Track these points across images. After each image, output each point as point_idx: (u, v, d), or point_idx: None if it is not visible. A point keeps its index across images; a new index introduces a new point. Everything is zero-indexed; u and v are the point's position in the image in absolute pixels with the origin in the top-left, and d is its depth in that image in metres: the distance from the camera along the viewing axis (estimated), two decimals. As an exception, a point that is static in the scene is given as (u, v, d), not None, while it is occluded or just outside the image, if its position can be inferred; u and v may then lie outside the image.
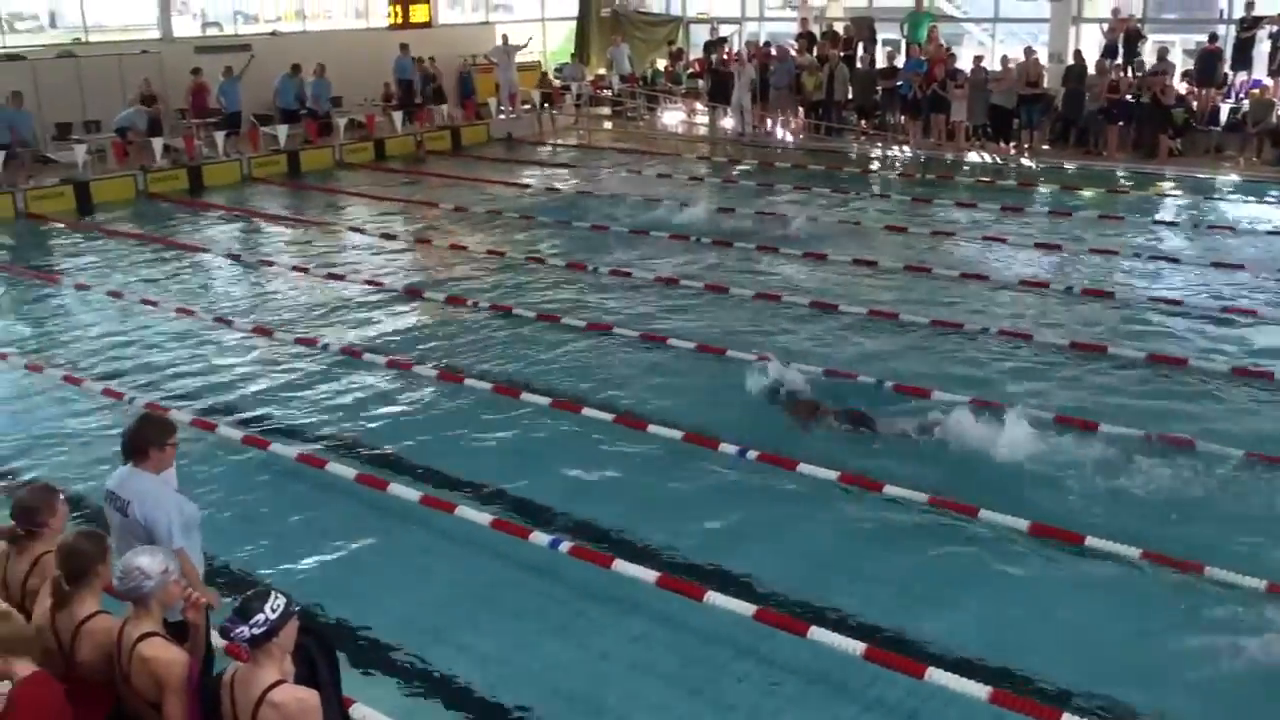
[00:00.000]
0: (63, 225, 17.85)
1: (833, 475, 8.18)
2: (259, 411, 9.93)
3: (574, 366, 10.85)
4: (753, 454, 8.58)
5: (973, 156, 21.64)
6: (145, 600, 4.36)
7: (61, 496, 5.16)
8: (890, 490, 7.93)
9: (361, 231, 16.98)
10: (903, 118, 23.07)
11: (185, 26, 25.40)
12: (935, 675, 5.78)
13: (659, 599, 6.71)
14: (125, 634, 4.36)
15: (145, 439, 5.31)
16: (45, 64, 21.45)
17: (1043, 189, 19.03)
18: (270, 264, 15.17)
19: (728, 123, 25.44)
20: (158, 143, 20.25)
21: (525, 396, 9.94)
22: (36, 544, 4.92)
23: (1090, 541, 7.14)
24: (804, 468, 8.31)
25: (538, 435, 9.34)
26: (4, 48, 22.25)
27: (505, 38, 26.03)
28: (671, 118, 27.16)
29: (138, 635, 4.32)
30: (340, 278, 14.27)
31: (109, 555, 4.58)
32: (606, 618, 6.69)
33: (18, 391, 10.56)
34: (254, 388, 10.53)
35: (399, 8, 26.91)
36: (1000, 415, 8.83)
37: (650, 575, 6.87)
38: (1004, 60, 22.04)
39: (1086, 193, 18.46)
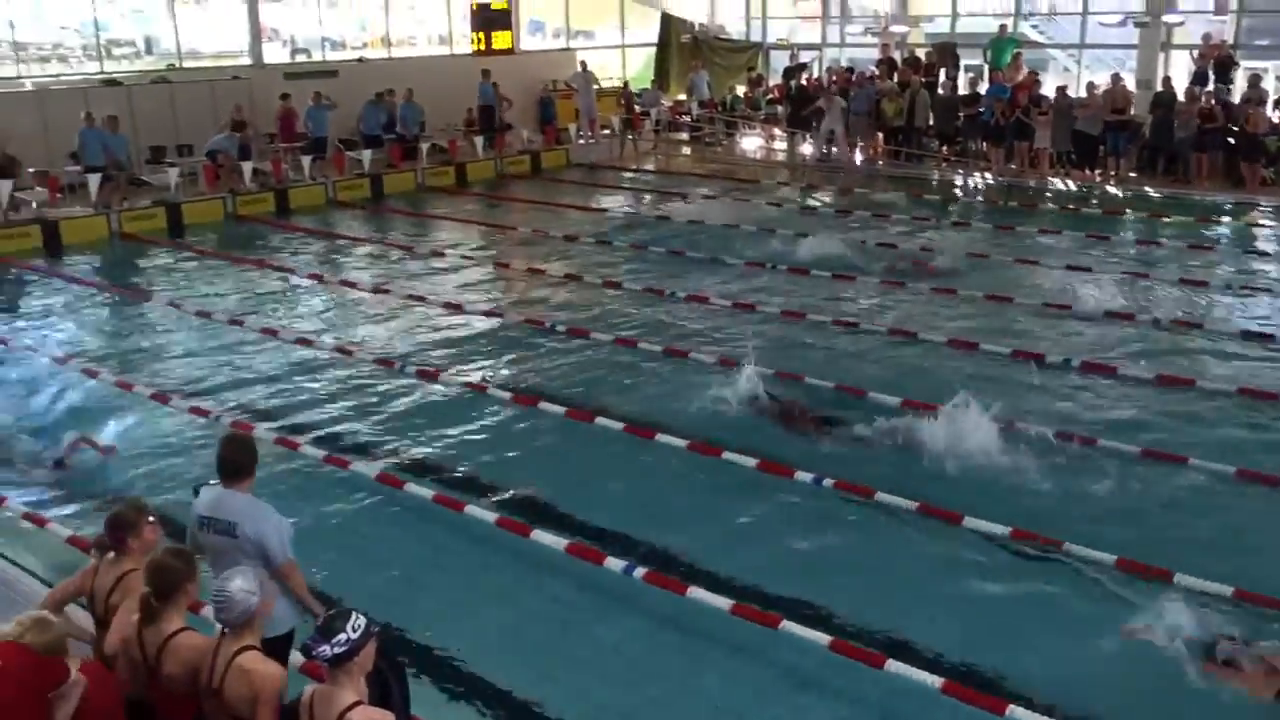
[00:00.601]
0: (154, 245, 18.33)
1: (911, 505, 8.06)
2: (338, 430, 10.08)
3: (650, 392, 10.85)
4: (829, 481, 8.50)
5: (1057, 184, 21.31)
6: (251, 620, 4.45)
7: (151, 515, 5.27)
8: (970, 522, 7.79)
9: (441, 254, 17.19)
10: (985, 144, 22.81)
11: (275, 53, 26.04)
12: (1016, 712, 5.66)
13: (733, 627, 6.65)
14: (223, 647, 4.43)
15: (245, 460, 5.40)
16: (141, 89, 22.13)
17: (1129, 217, 18.68)
18: (352, 285, 15.41)
19: (807, 148, 25.38)
20: (247, 167, 20.74)
21: (599, 421, 9.95)
22: (124, 560, 5.04)
23: (1179, 579, 6.95)
24: (882, 496, 8.20)
25: (611, 460, 9.35)
26: (102, 73, 22.98)
27: (584, 64, 26.30)
28: (750, 143, 27.15)
29: (237, 648, 4.40)
30: (420, 299, 14.45)
31: (197, 574, 4.67)
32: (678, 644, 6.65)
33: (108, 407, 10.80)
34: (333, 407, 10.69)
35: (482, 35, 27.29)
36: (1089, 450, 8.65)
37: (724, 603, 6.83)
38: (1089, 87, 21.69)
39: (1175, 222, 18.06)
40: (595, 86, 26.19)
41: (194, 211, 19.78)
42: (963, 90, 23.74)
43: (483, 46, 27.18)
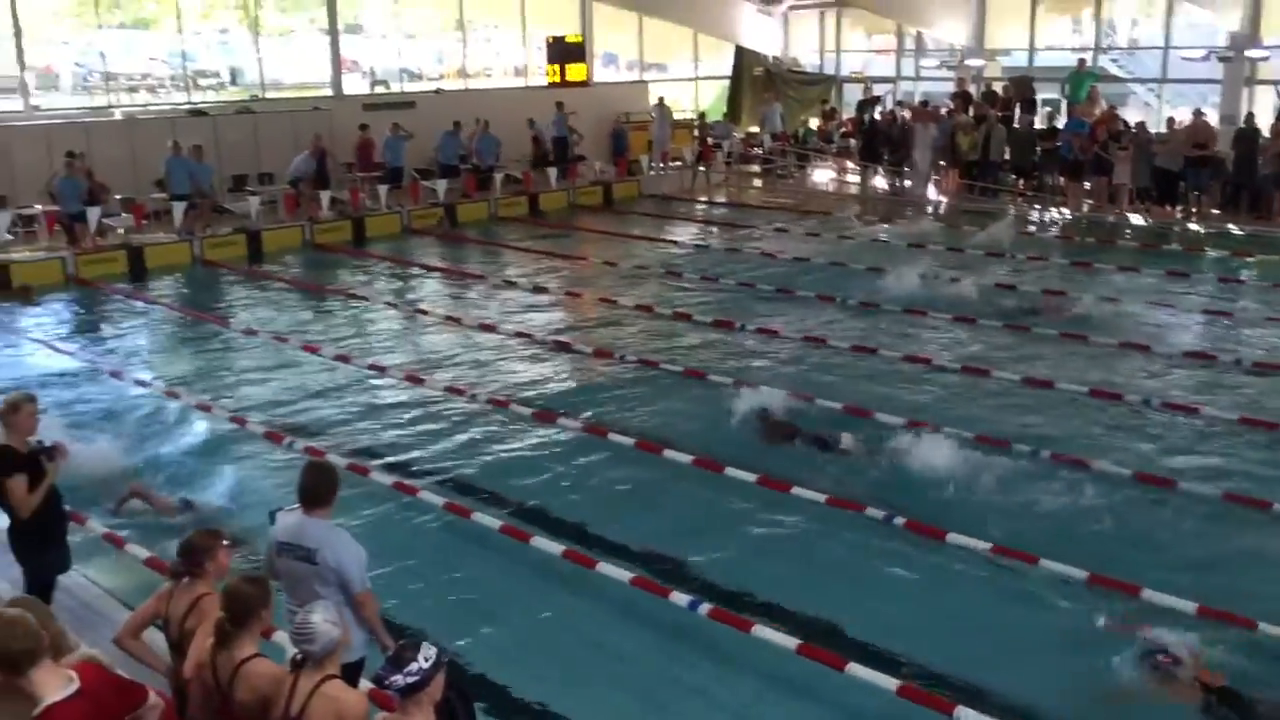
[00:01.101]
0: (234, 271, 18.74)
1: (984, 546, 7.93)
2: (408, 457, 10.18)
3: (719, 425, 10.80)
4: (899, 520, 8.39)
5: (1136, 220, 20.94)
6: (333, 652, 4.50)
7: (225, 541, 5.36)
8: (1046, 565, 7.64)
9: (513, 284, 17.35)
10: (1062, 179, 22.51)
11: (355, 84, 26.57)
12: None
13: (798, 665, 6.58)
14: (303, 678, 4.47)
15: (326, 488, 5.44)
16: (225, 119, 22.69)
17: (1211, 255, 18.29)
18: (425, 313, 15.60)
19: (880, 181, 25.24)
20: (325, 195, 21.13)
21: (667, 454, 9.94)
22: (198, 584, 5.12)
23: (1264, 627, 6.74)
24: (953, 537, 8.08)
25: (679, 493, 9.32)
26: (189, 103, 23.62)
27: (661, 99, 26.65)
28: (822, 176, 27.08)
29: (320, 678, 4.44)
30: (491, 328, 14.58)
31: (271, 600, 4.73)
32: (741, 683, 6.59)
33: (187, 429, 11.04)
34: (404, 434, 10.81)
35: (557, 67, 27.62)
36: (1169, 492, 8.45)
37: (790, 642, 6.76)
38: (1169, 122, 21.33)
39: (1258, 260, 17.65)
40: (670, 121, 26.44)
41: (273, 239, 20.21)
42: (1040, 125, 23.47)
43: (557, 79, 27.49)
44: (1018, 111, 23.72)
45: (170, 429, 11.03)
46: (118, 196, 19.74)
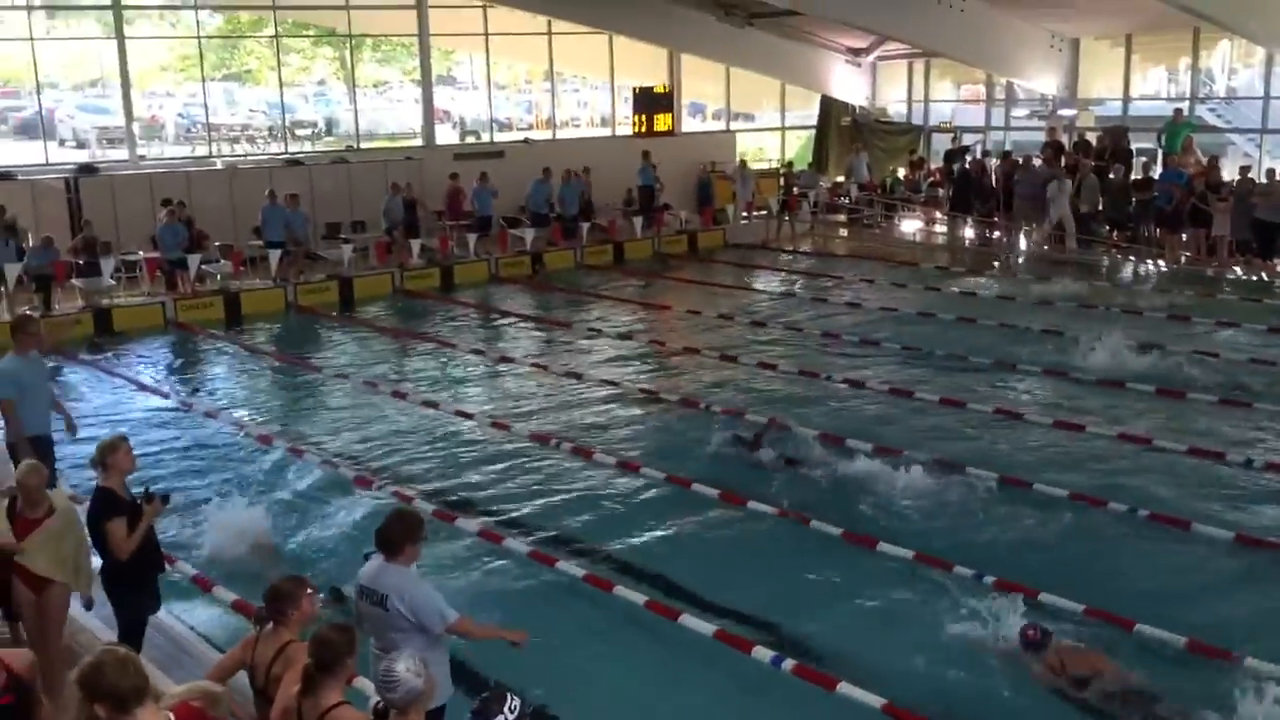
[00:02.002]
0: (326, 318, 19.11)
1: (1078, 608, 7.69)
2: (494, 505, 10.23)
3: (806, 476, 10.68)
4: (989, 578, 8.19)
5: (1236, 273, 20.38)
6: (420, 700, 4.51)
7: (310, 586, 5.40)
8: (1144, 629, 7.39)
9: (599, 332, 17.43)
10: (1159, 231, 22.03)
11: (446, 134, 27.11)
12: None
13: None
14: None
15: (402, 534, 5.51)
16: (320, 168, 23.27)
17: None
18: (511, 360, 15.72)
19: (969, 232, 24.96)
20: (416, 243, 21.50)
21: (751, 505, 9.85)
22: (283, 631, 5.16)
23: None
24: (1045, 596, 7.86)
25: (763, 545, 9.22)
26: (286, 153, 24.28)
27: (743, 161, 26.99)
28: (909, 226, 26.86)
29: None
30: (577, 376, 14.64)
31: (357, 648, 4.75)
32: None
33: (278, 473, 11.23)
34: (489, 481, 10.87)
35: (643, 116, 27.88)
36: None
37: (875, 700, 6.61)
38: (1271, 173, 20.77)
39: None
40: (753, 180, 26.53)
41: (364, 285, 20.59)
42: (1135, 175, 23.03)
43: (643, 128, 27.75)
44: (1112, 161, 23.30)
45: (262, 472, 11.23)
46: (217, 243, 20.31)
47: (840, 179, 29.03)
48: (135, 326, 17.98)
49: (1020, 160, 24.41)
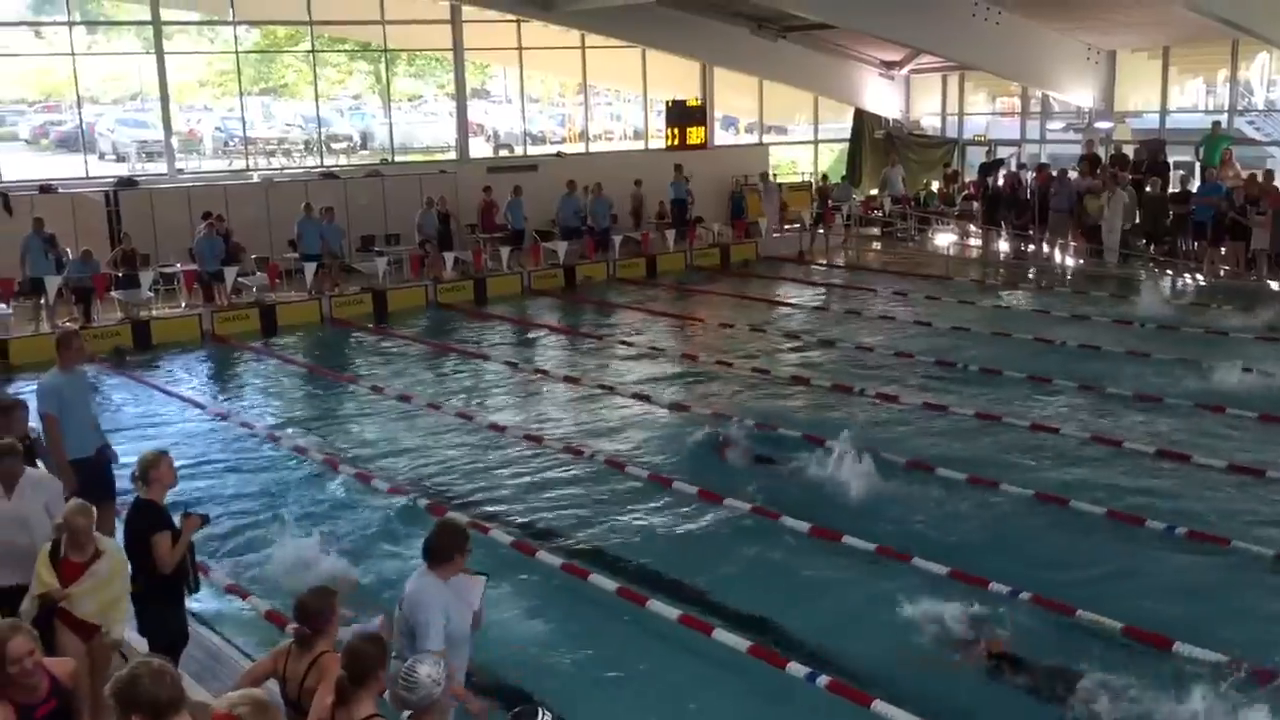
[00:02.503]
0: (361, 330, 19.21)
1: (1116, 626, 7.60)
2: (526, 517, 10.24)
3: (837, 492, 10.62)
4: (1025, 595, 8.11)
5: (1275, 287, 20.13)
6: (431, 708, 4.51)
7: (339, 599, 5.42)
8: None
9: (630, 344, 17.44)
10: (1196, 244, 21.79)
11: (480, 148, 27.25)
12: None
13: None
14: None
15: (446, 545, 5.58)
16: (355, 182, 23.46)
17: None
18: (544, 373, 15.75)
19: (1004, 245, 24.80)
20: (450, 256, 21.61)
21: (785, 520, 9.81)
22: (317, 643, 5.18)
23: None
24: (1082, 612, 7.77)
25: (794, 562, 9.15)
26: (321, 167, 24.49)
27: (763, 175, 26.99)
28: (943, 240, 26.72)
29: None
30: (609, 389, 14.65)
31: (388, 659, 4.77)
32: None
33: (313, 484, 11.31)
34: (522, 493, 10.90)
35: (676, 130, 27.91)
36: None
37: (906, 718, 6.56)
38: (1312, 186, 20.53)
39: None
40: (778, 194, 26.48)
41: (398, 298, 20.72)
42: (1172, 188, 22.81)
43: (676, 141, 27.78)
44: (1148, 174, 23.10)
45: (297, 483, 11.32)
46: (253, 256, 20.49)
47: (874, 192, 28.94)
48: (172, 339, 18.15)
49: (1055, 173, 24.23)
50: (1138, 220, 22.65)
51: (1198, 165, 23.26)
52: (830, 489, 10.61)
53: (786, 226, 27.03)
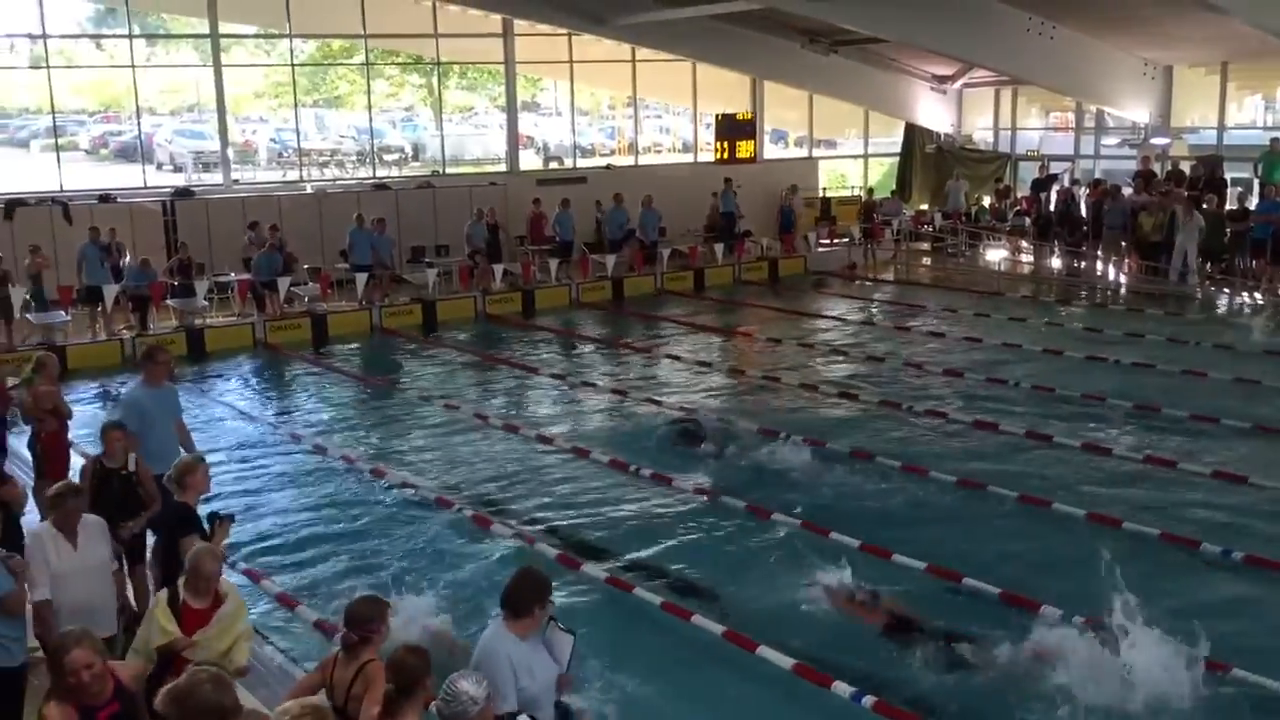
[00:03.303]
0: (410, 340, 19.34)
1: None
2: (571, 530, 10.24)
3: (887, 509, 10.53)
4: (1078, 617, 7.98)
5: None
6: None
7: (391, 607, 5.45)
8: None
9: (678, 358, 17.42)
10: (1254, 262, 21.43)
11: (530, 160, 27.42)
12: None
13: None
14: None
15: (524, 597, 5.27)
16: (406, 193, 23.70)
17: None
18: (592, 385, 15.77)
19: (1056, 262, 24.54)
20: (499, 268, 21.72)
21: (834, 536, 9.73)
22: (363, 651, 5.20)
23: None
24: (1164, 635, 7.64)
25: (839, 577, 9.07)
26: (373, 178, 24.75)
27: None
28: (994, 255, 26.47)
29: None
30: (656, 403, 14.62)
31: (432, 671, 4.78)
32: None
33: (359, 494, 11.39)
34: (568, 506, 10.88)
35: (725, 143, 27.92)
36: None
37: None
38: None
39: None
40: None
41: (447, 309, 20.84)
42: (1230, 205, 22.45)
43: (725, 155, 27.78)
44: (1205, 191, 22.75)
45: (345, 493, 11.40)
46: (305, 266, 20.73)
47: (924, 206, 28.73)
48: (225, 347, 18.38)
49: (1109, 189, 23.94)
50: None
51: (1256, 182, 22.88)
52: (876, 505, 10.55)
53: (835, 241, 26.93)
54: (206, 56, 23.21)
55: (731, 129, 27.89)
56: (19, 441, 10.62)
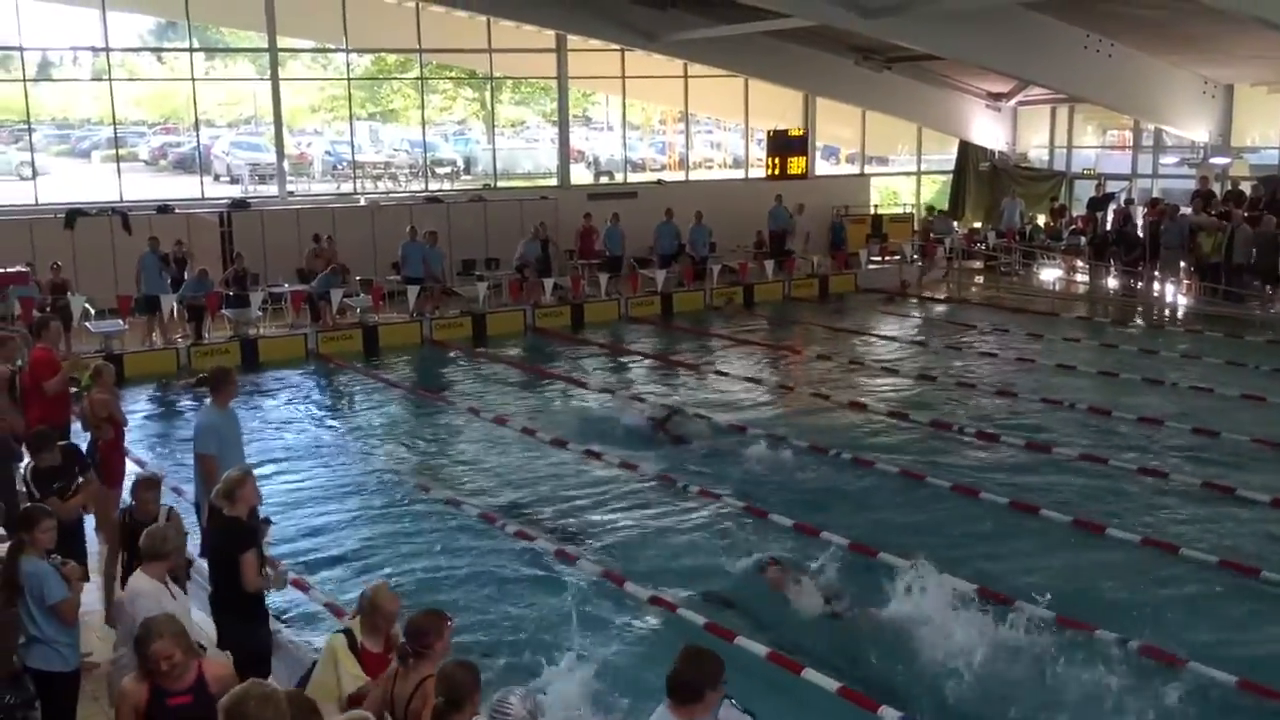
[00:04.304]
0: (460, 352, 19.42)
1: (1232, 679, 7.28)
2: (619, 548, 10.19)
3: (939, 530, 10.39)
4: (1134, 643, 7.83)
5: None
6: None
7: (450, 621, 5.44)
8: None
9: (726, 374, 17.35)
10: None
11: (581, 174, 27.52)
12: None
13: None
14: None
15: (693, 680, 4.63)
16: (458, 206, 23.86)
17: None
18: (640, 400, 15.69)
19: (1113, 282, 24.20)
20: (549, 282, 21.77)
21: (882, 556, 9.61)
22: (423, 666, 5.19)
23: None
24: (1194, 662, 7.47)
25: (888, 597, 8.94)
26: (426, 191, 24.95)
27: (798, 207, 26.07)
28: (1049, 275, 26.13)
29: None
30: (704, 418, 14.55)
31: (480, 685, 4.78)
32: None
33: (403, 508, 11.43)
34: (616, 523, 10.84)
35: (776, 160, 27.85)
36: None
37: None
38: None
39: None
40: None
41: (497, 322, 20.92)
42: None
43: (776, 171, 27.70)
44: (1267, 213, 22.31)
45: (389, 508, 11.45)
46: (358, 278, 20.90)
47: (977, 225, 28.44)
48: (278, 357, 18.53)
49: (1168, 209, 23.56)
50: (1253, 258, 21.88)
51: (1320, 202, 22.42)
52: (925, 525, 10.43)
53: (887, 258, 26.74)
54: (264, 70, 23.53)
55: (783, 145, 27.81)
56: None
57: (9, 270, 18.16)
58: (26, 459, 8.36)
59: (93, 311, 18.49)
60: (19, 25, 21.13)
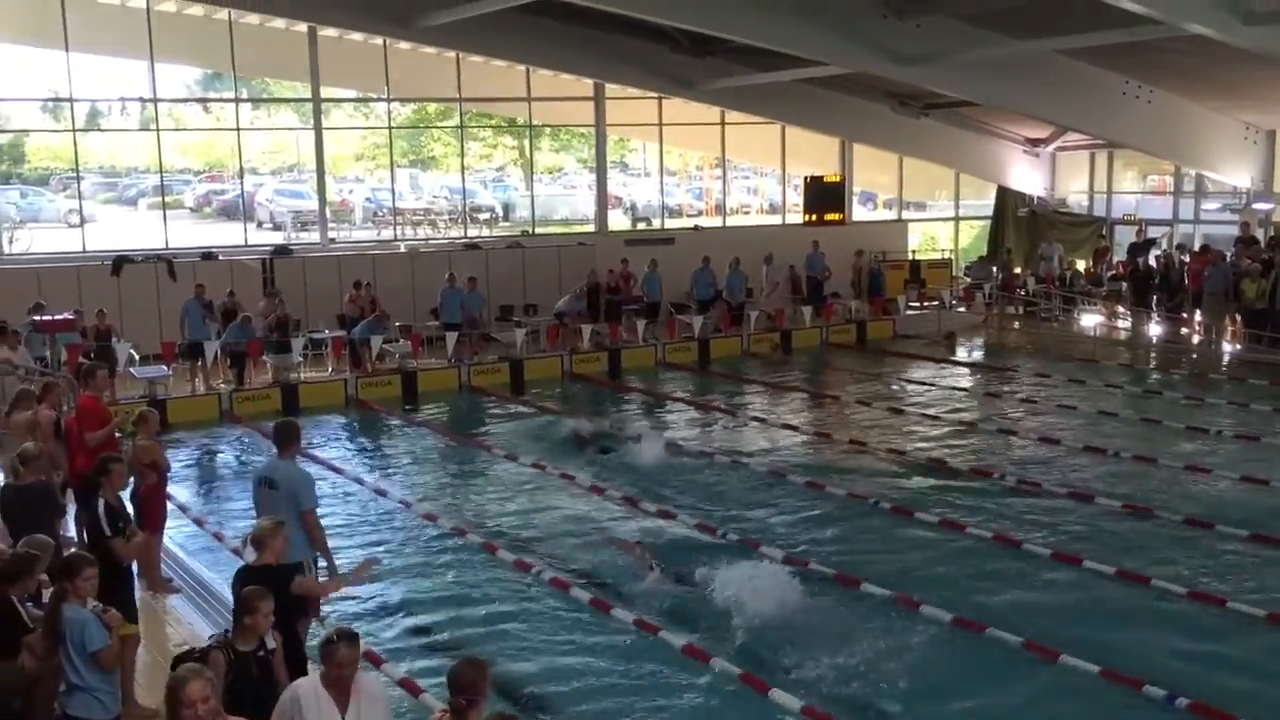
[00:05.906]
0: (498, 398, 19.46)
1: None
2: (656, 597, 10.12)
3: (978, 582, 10.27)
4: (1182, 701, 7.68)
5: None
6: None
7: (489, 667, 5.44)
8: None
9: (764, 421, 17.29)
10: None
11: (618, 220, 27.66)
12: None
13: None
14: None
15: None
16: (496, 253, 24.03)
17: None
18: (678, 447, 15.64)
19: (1155, 329, 23.95)
20: (587, 329, 21.82)
21: (924, 609, 9.51)
22: (471, 715, 5.17)
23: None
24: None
25: (933, 650, 8.84)
26: (465, 237, 25.16)
27: (768, 257, 25.60)
28: (1089, 321, 25.90)
29: None
30: (743, 465, 14.51)
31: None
32: None
33: (436, 552, 11.45)
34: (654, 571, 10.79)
35: (813, 209, 27.85)
36: None
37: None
38: None
39: None
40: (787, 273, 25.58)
41: (534, 368, 20.95)
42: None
43: (814, 216, 27.72)
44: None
45: (423, 554, 11.47)
46: (397, 324, 21.05)
47: (1017, 270, 28.30)
48: (318, 403, 18.62)
49: (1211, 255, 23.34)
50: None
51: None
52: (969, 576, 10.31)
53: (925, 305, 26.62)
54: (307, 119, 23.91)
55: (821, 194, 27.79)
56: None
57: (56, 317, 18.42)
58: (73, 506, 8.45)
59: (137, 357, 18.74)
60: (69, 76, 21.62)
